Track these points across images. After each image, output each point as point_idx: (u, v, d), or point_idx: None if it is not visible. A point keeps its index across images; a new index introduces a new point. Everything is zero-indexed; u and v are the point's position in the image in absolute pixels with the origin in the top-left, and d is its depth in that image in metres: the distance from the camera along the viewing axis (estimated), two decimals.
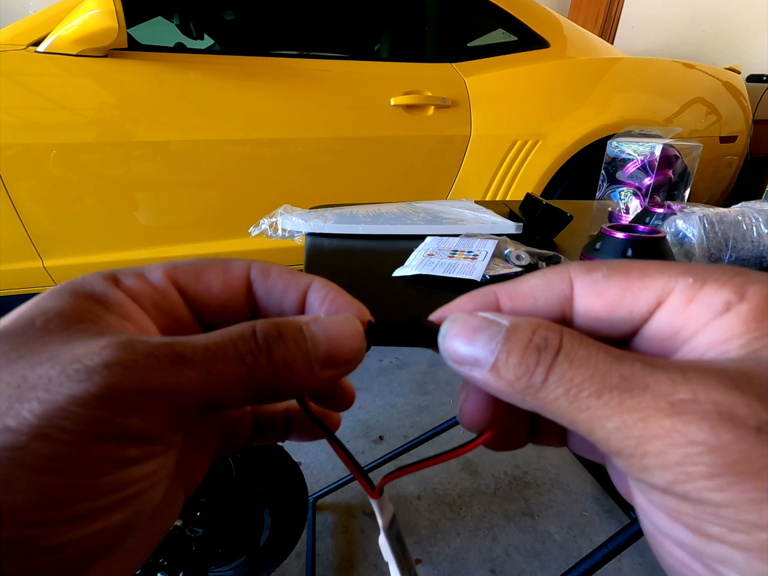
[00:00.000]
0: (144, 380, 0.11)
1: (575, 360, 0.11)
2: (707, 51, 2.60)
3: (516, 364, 0.12)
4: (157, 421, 0.11)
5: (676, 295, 0.12)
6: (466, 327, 0.13)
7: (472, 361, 0.12)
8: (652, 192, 0.65)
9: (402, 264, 0.46)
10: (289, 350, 0.13)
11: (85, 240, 1.21)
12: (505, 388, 0.12)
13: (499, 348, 0.12)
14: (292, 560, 0.82)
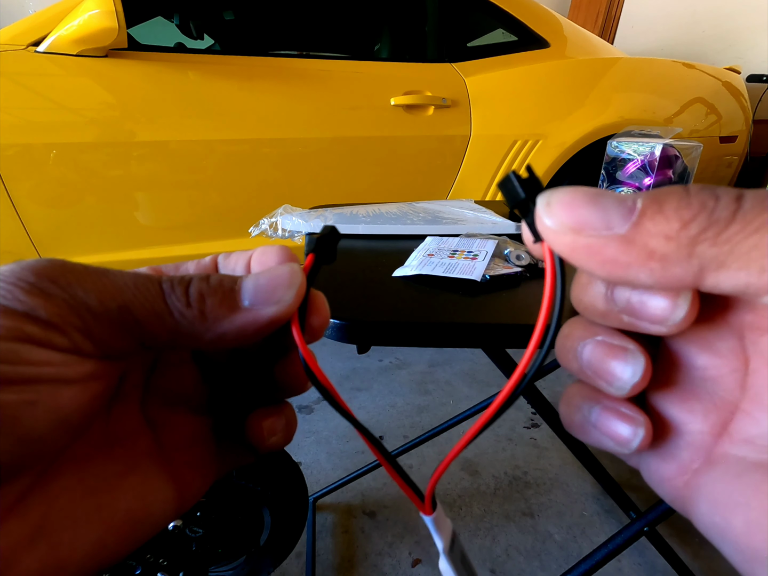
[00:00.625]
0: (61, 273, 0.12)
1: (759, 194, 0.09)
2: (707, 51, 2.60)
3: (678, 208, 0.09)
4: (62, 308, 0.11)
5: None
6: (583, 191, 0.11)
7: (602, 224, 0.10)
8: None
9: (402, 264, 0.46)
10: (210, 286, 0.13)
11: (85, 240, 1.21)
12: (665, 247, 0.09)
13: (643, 201, 0.09)
14: (292, 560, 0.82)
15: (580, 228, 0.10)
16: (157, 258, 1.27)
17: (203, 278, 0.13)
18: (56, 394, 0.11)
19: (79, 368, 0.12)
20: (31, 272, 0.12)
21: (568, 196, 0.11)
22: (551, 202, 0.11)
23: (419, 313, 0.37)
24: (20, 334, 0.11)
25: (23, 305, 0.11)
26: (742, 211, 0.09)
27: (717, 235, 0.09)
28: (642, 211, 0.09)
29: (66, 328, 0.12)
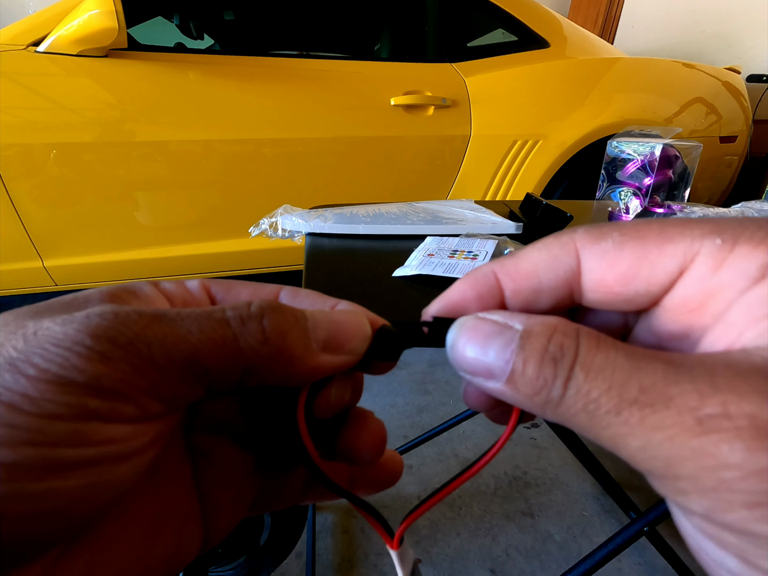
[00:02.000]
0: (118, 330, 0.11)
1: (591, 370, 0.10)
2: (707, 51, 2.60)
3: (533, 378, 0.11)
4: (127, 373, 0.10)
5: (702, 260, 0.10)
6: (477, 334, 0.12)
7: (486, 372, 0.11)
8: (652, 192, 0.65)
9: (402, 264, 0.46)
10: (287, 320, 0.12)
11: (85, 240, 1.21)
12: (524, 402, 0.11)
13: (514, 358, 0.11)
14: (292, 560, 0.82)
15: (471, 373, 0.12)
16: (157, 258, 1.27)
17: (275, 309, 0.12)
18: (117, 470, 0.11)
19: (144, 437, 0.11)
20: (86, 333, 0.10)
21: (462, 341, 0.12)
22: (453, 346, 0.13)
23: (419, 313, 0.37)
24: (84, 411, 0.10)
25: (84, 375, 0.10)
26: (567, 396, 0.10)
27: (555, 408, 0.11)
28: (513, 369, 0.11)
29: (132, 393, 0.10)
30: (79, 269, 1.23)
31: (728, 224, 0.10)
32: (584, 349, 0.10)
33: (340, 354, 0.13)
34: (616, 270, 0.11)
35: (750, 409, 0.08)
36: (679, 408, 0.09)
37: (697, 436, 0.09)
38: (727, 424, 0.08)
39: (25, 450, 0.09)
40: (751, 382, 0.09)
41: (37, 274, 1.19)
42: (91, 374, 0.10)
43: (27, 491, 0.09)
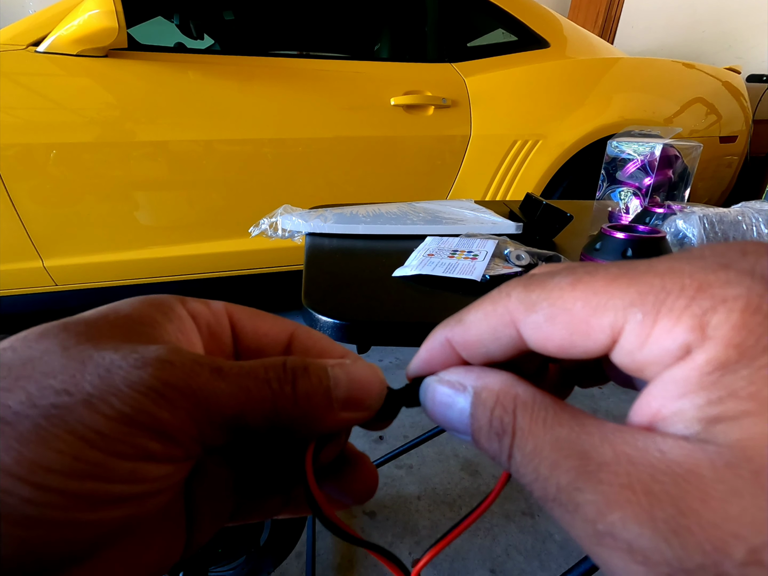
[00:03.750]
0: (185, 379, 0.12)
1: (525, 455, 0.11)
2: (707, 51, 2.60)
3: (486, 447, 0.12)
4: (185, 421, 0.11)
5: (627, 337, 0.10)
6: (436, 401, 0.13)
7: (458, 432, 0.13)
8: (652, 192, 0.65)
9: (402, 264, 0.46)
10: (312, 384, 0.13)
11: (85, 240, 1.21)
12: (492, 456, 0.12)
13: (472, 425, 0.12)
14: (292, 560, 0.82)
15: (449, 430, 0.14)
16: (157, 258, 1.27)
17: (304, 371, 0.13)
18: (150, 504, 0.12)
19: (180, 476, 0.12)
20: (159, 381, 0.11)
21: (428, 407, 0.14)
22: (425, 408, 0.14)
23: (419, 313, 0.37)
24: (144, 453, 0.11)
25: (152, 420, 0.11)
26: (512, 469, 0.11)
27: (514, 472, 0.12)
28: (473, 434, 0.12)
29: (185, 439, 0.12)
30: (79, 269, 1.23)
31: (650, 290, 0.10)
32: (519, 431, 0.11)
33: (358, 411, 0.14)
34: (554, 342, 0.12)
35: (629, 535, 0.09)
36: (582, 518, 0.10)
37: (595, 545, 0.09)
38: (613, 543, 0.09)
39: (88, 483, 0.10)
40: (642, 497, 0.09)
41: (37, 274, 1.19)
42: (157, 419, 0.11)
43: (80, 519, 0.10)
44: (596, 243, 0.40)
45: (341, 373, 0.14)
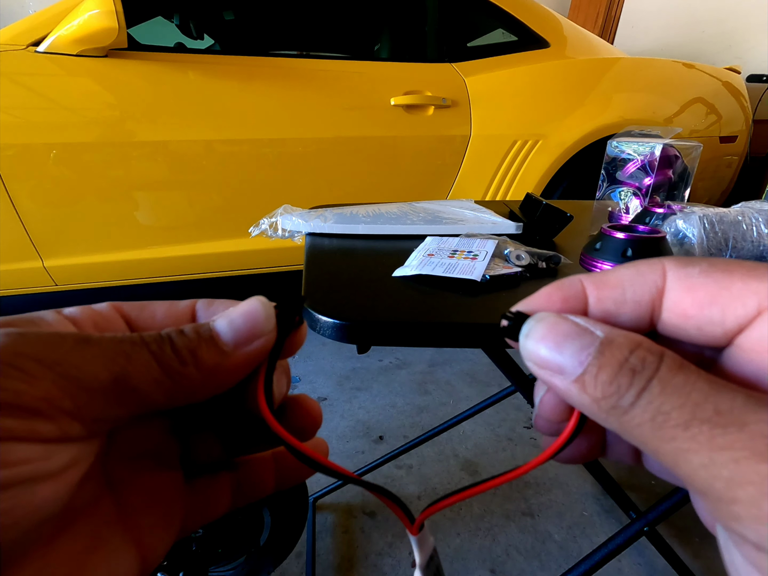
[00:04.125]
0: (43, 350, 0.10)
1: (669, 386, 0.10)
2: (707, 51, 2.60)
3: (606, 382, 0.11)
4: (51, 392, 0.10)
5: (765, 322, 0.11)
6: (554, 330, 0.12)
7: (556, 367, 0.12)
8: (652, 192, 0.65)
9: (402, 264, 0.46)
10: (190, 339, 0.13)
11: (85, 240, 1.21)
12: (588, 404, 0.11)
13: (590, 361, 0.11)
14: (292, 560, 0.82)
15: (540, 365, 0.12)
16: (157, 258, 1.27)
17: (179, 333, 0.13)
18: (34, 493, 0.10)
19: (61, 458, 0.11)
20: (10, 352, 0.10)
21: (539, 333, 0.12)
22: (528, 335, 0.13)
23: (419, 313, 0.37)
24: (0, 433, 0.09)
25: (4, 394, 0.10)
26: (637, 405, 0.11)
27: (620, 416, 0.11)
28: (586, 370, 0.11)
29: (53, 413, 0.10)
30: (79, 269, 1.23)
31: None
32: (665, 367, 0.11)
33: (253, 341, 0.13)
34: (697, 293, 0.12)
35: (757, 512, 0.08)
36: (752, 432, 0.09)
37: (724, 519, 0.09)
38: (739, 526, 0.09)
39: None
40: None
41: (37, 274, 1.19)
42: (11, 392, 0.10)
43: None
44: (596, 243, 0.40)
45: (222, 317, 0.14)
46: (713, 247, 0.42)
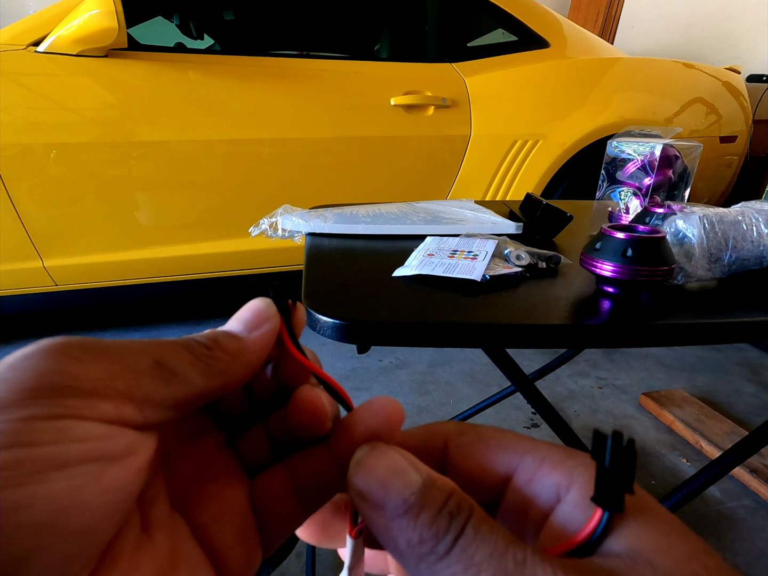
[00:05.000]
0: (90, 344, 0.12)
1: (479, 533, 0.11)
2: (707, 51, 2.60)
3: (425, 525, 0.11)
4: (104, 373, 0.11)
5: (519, 474, 0.13)
6: (385, 466, 0.13)
7: (380, 504, 0.12)
8: (652, 192, 0.65)
9: (402, 264, 0.46)
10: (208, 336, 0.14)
11: (85, 240, 1.21)
12: (402, 547, 0.11)
13: (413, 501, 0.12)
14: (292, 560, 0.82)
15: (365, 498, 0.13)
16: (157, 258, 1.27)
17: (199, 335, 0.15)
18: (102, 474, 0.10)
19: (122, 440, 0.11)
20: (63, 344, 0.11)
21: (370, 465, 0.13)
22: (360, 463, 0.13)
23: (419, 313, 0.37)
24: (62, 411, 0.10)
25: (62, 377, 0.10)
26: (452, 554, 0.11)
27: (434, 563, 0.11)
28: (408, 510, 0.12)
29: (108, 392, 0.11)
30: (79, 269, 1.23)
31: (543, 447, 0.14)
32: (476, 513, 0.11)
33: (263, 325, 0.15)
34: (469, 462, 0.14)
35: None
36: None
37: None
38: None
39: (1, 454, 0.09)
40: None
41: (37, 274, 1.19)
42: (70, 374, 0.10)
43: (10, 500, 0.09)
44: (596, 243, 0.40)
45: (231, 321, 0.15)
46: (713, 248, 0.42)
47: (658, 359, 1.44)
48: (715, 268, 0.43)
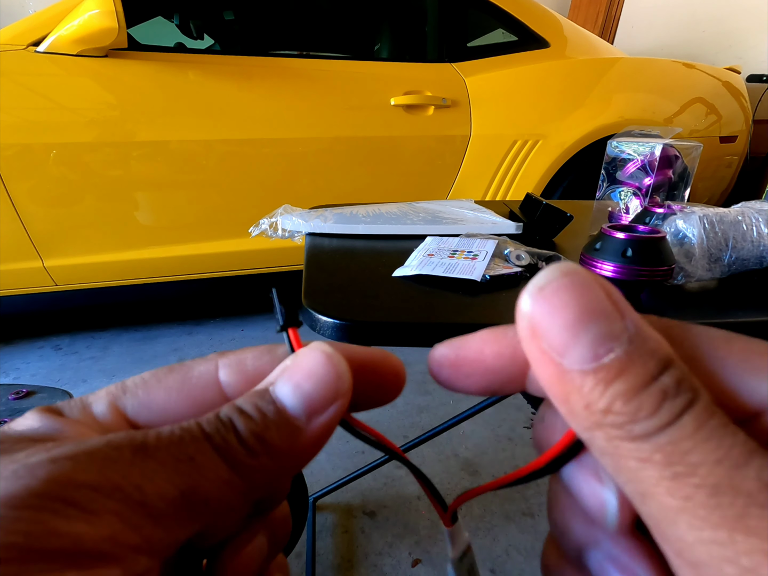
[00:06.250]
0: (100, 473, 0.09)
1: (704, 429, 0.08)
2: (707, 51, 2.60)
3: (621, 395, 0.08)
4: (115, 528, 0.08)
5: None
6: (580, 301, 0.09)
7: (560, 347, 0.09)
8: (652, 192, 0.65)
9: (402, 264, 0.46)
10: (256, 422, 0.10)
11: (85, 240, 1.21)
12: (578, 409, 0.09)
13: (610, 359, 0.08)
14: (292, 560, 0.82)
15: (539, 335, 0.09)
16: (157, 258, 1.27)
17: (240, 413, 0.11)
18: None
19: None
20: (65, 483, 0.08)
21: (563, 295, 0.09)
22: (543, 289, 0.09)
23: (419, 313, 0.37)
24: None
25: (62, 540, 0.08)
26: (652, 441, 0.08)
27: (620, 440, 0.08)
28: (599, 369, 0.09)
29: (117, 552, 0.08)
30: (79, 269, 1.23)
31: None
32: (703, 402, 0.08)
33: (329, 407, 0.11)
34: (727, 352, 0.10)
35: None
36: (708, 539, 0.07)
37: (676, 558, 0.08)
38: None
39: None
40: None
41: (37, 274, 1.19)
42: (67, 538, 0.08)
43: None
44: (596, 243, 0.40)
45: (285, 386, 0.11)
46: (713, 248, 0.42)
47: None
48: (715, 268, 0.43)
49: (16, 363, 1.36)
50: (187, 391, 0.12)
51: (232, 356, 0.12)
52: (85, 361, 1.39)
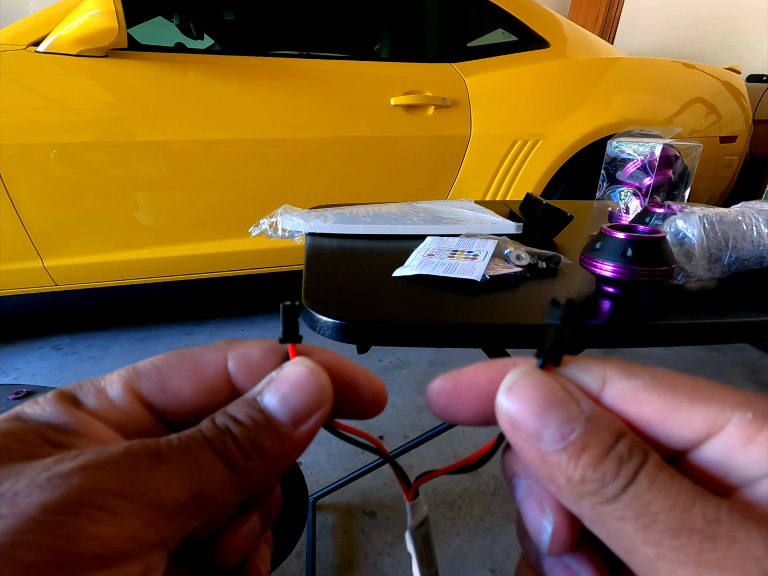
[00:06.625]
0: (123, 479, 0.10)
1: (656, 483, 0.09)
2: (707, 51, 2.60)
3: (588, 466, 0.10)
4: (138, 528, 0.09)
5: (732, 431, 0.10)
6: (542, 394, 0.11)
7: (534, 434, 0.11)
8: (652, 192, 0.65)
9: (402, 264, 0.46)
10: (249, 428, 0.12)
11: (85, 240, 1.21)
12: (561, 483, 0.10)
13: (574, 438, 0.10)
14: (292, 560, 0.82)
15: (516, 426, 0.11)
16: (157, 258, 1.27)
17: (235, 421, 0.12)
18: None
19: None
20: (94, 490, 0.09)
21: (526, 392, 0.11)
22: (512, 389, 0.12)
23: (419, 313, 0.37)
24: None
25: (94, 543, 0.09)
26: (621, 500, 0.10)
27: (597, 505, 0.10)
28: (567, 447, 0.10)
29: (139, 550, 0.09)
30: (79, 269, 1.23)
31: (758, 400, 0.10)
32: (652, 462, 0.10)
33: (312, 416, 0.12)
34: (642, 410, 0.11)
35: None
36: (743, 552, 0.08)
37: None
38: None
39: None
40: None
41: (37, 274, 1.19)
42: (100, 541, 0.09)
43: None
44: (596, 243, 0.40)
45: (272, 397, 0.12)
46: (713, 248, 0.42)
47: (659, 359, 1.44)
48: (715, 268, 0.43)
49: (16, 363, 1.36)
50: (199, 378, 0.13)
51: (241, 349, 0.14)
52: (85, 361, 1.39)
